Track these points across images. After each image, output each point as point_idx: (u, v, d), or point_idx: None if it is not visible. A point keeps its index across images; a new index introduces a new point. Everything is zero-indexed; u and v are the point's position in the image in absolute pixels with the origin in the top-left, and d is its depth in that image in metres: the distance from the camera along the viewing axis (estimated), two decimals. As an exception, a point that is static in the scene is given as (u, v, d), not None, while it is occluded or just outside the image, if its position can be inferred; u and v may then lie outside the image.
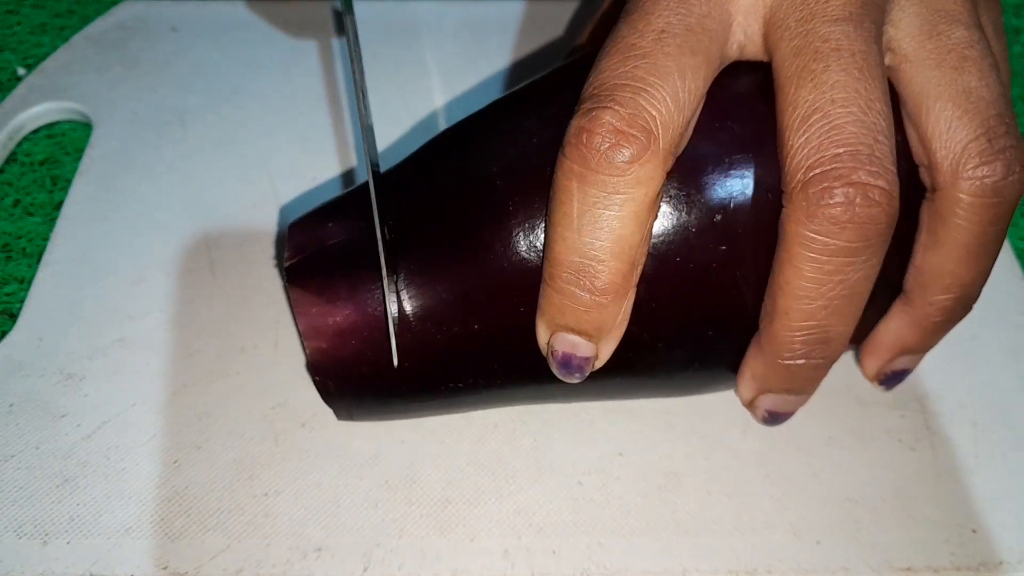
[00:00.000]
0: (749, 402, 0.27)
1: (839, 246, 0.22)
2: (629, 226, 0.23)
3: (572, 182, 0.23)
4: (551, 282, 0.24)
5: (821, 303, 0.23)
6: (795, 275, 0.23)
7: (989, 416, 0.32)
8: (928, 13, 0.25)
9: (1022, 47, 0.48)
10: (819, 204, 0.22)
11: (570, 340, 0.25)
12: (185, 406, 0.31)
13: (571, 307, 0.24)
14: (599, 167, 0.22)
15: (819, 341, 0.24)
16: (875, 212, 0.22)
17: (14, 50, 0.44)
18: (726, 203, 0.24)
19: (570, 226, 0.23)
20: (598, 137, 0.22)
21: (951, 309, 0.26)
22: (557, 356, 0.25)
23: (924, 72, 0.24)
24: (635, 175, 0.22)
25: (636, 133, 0.22)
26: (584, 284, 0.23)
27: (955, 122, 0.24)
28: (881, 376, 0.29)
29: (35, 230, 0.37)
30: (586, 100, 0.23)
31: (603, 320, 0.24)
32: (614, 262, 0.23)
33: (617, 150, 0.22)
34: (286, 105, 0.41)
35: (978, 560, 0.29)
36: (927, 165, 0.24)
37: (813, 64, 0.23)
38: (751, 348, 0.26)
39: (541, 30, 0.45)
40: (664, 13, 0.24)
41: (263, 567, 0.28)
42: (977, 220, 0.24)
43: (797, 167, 0.22)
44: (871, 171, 0.22)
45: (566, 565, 0.28)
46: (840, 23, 0.23)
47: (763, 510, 0.30)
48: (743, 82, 0.25)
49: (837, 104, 0.22)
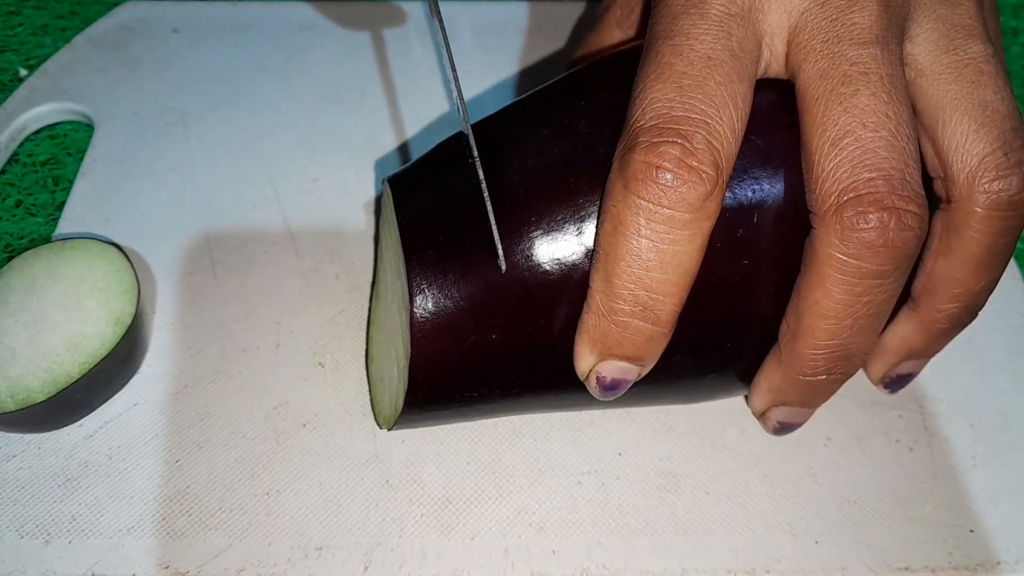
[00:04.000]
0: (762, 413, 0.28)
1: (871, 269, 0.22)
2: (695, 258, 0.23)
3: (639, 217, 0.22)
4: (611, 315, 0.23)
5: (848, 323, 0.23)
6: (824, 296, 0.23)
7: (987, 417, 0.33)
8: (945, 28, 0.25)
9: (1021, 48, 0.48)
10: (854, 228, 0.22)
11: (621, 367, 0.25)
12: (187, 406, 0.32)
13: (631, 339, 0.24)
14: (672, 204, 0.22)
15: (841, 359, 0.24)
16: (907, 236, 0.22)
17: (16, 51, 0.45)
18: (749, 217, 0.24)
19: (636, 262, 0.23)
20: (669, 174, 0.22)
21: (958, 316, 0.26)
22: (604, 382, 0.25)
23: (941, 86, 0.24)
24: (706, 210, 0.22)
25: (708, 169, 0.22)
26: (649, 317, 0.23)
27: (971, 135, 0.24)
28: (886, 380, 0.29)
29: (37, 230, 0.37)
30: (645, 131, 0.23)
31: (658, 348, 0.24)
32: (680, 294, 0.23)
33: (691, 187, 0.22)
34: (287, 106, 0.41)
35: (976, 560, 0.29)
36: (943, 177, 0.25)
37: (842, 87, 0.23)
38: (769, 362, 0.26)
39: (548, 32, 0.46)
40: (707, 38, 0.23)
41: (264, 566, 0.28)
42: (991, 232, 0.24)
43: (830, 191, 0.22)
44: (903, 196, 0.22)
45: (566, 565, 0.28)
46: (867, 46, 0.23)
47: (761, 510, 0.30)
48: (763, 97, 0.25)
49: (868, 128, 0.22)
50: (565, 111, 0.26)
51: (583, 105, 0.26)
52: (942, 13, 0.25)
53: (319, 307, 0.34)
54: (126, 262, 0.32)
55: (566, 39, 0.45)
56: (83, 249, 0.32)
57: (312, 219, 0.37)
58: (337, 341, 0.34)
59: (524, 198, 0.25)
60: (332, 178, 0.39)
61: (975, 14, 0.25)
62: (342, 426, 0.31)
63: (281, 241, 0.36)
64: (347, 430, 0.31)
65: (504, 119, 0.28)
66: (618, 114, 0.24)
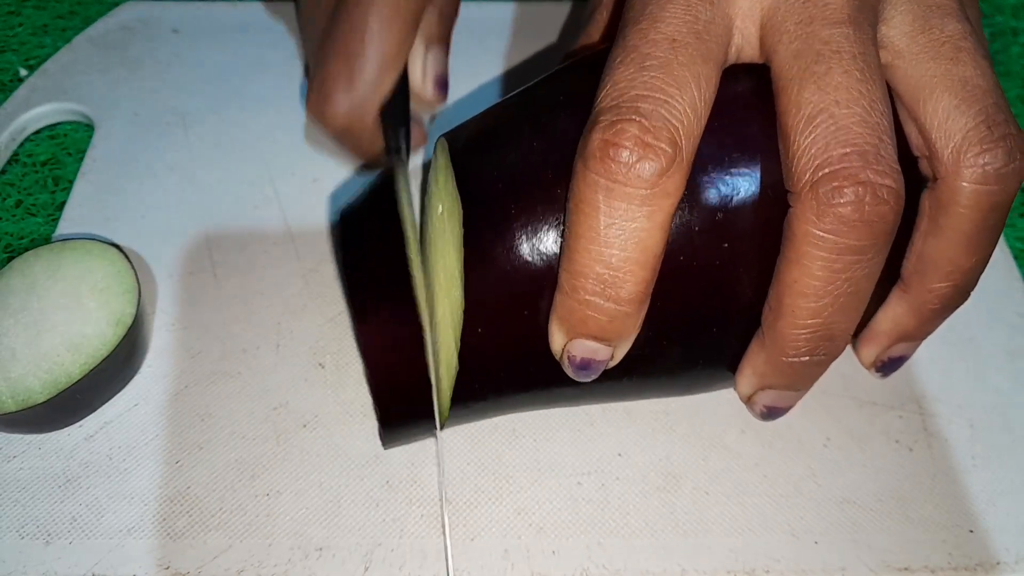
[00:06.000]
0: (748, 397, 0.28)
1: (848, 244, 0.22)
2: (655, 236, 0.23)
3: (598, 195, 0.23)
4: (573, 293, 0.24)
5: (828, 301, 0.23)
6: (803, 273, 0.23)
7: (986, 417, 0.33)
8: (919, 9, 0.25)
9: (1021, 48, 0.48)
10: (829, 203, 0.22)
11: (589, 347, 0.25)
12: (187, 407, 0.32)
13: (594, 317, 0.24)
14: (628, 180, 0.22)
15: (824, 338, 0.24)
16: (884, 210, 0.22)
17: (16, 51, 0.45)
18: (727, 201, 0.24)
19: (595, 239, 0.23)
20: (625, 151, 0.22)
21: (949, 296, 0.26)
22: (575, 361, 0.25)
23: (920, 65, 0.24)
24: (663, 187, 0.22)
25: (664, 146, 0.22)
26: (609, 295, 0.23)
27: (953, 111, 0.24)
28: (878, 363, 0.29)
29: (37, 231, 0.37)
30: (605, 111, 0.23)
31: (625, 328, 0.24)
32: (641, 272, 0.23)
33: (646, 163, 0.22)
34: (288, 106, 0.41)
35: (975, 560, 0.29)
36: (928, 155, 0.25)
37: (815, 66, 0.23)
38: (753, 345, 0.26)
39: (534, 32, 0.46)
40: (673, 20, 0.24)
41: (265, 567, 0.28)
42: (978, 207, 0.24)
43: (805, 167, 0.23)
44: (878, 170, 0.22)
45: (565, 565, 0.28)
46: (840, 25, 0.23)
47: (761, 511, 0.30)
48: (739, 82, 0.25)
49: (842, 105, 0.22)
50: (544, 108, 0.27)
51: (560, 100, 0.26)
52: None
53: (319, 308, 0.35)
54: (126, 262, 0.32)
55: (553, 39, 0.45)
56: (83, 250, 0.32)
57: (312, 219, 0.37)
58: (337, 342, 0.34)
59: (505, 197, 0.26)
60: (332, 178, 0.39)
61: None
62: (342, 426, 0.31)
63: (281, 241, 0.36)
64: (347, 430, 0.31)
65: (486, 119, 0.28)
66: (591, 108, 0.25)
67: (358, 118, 0.32)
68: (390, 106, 0.32)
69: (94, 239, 0.33)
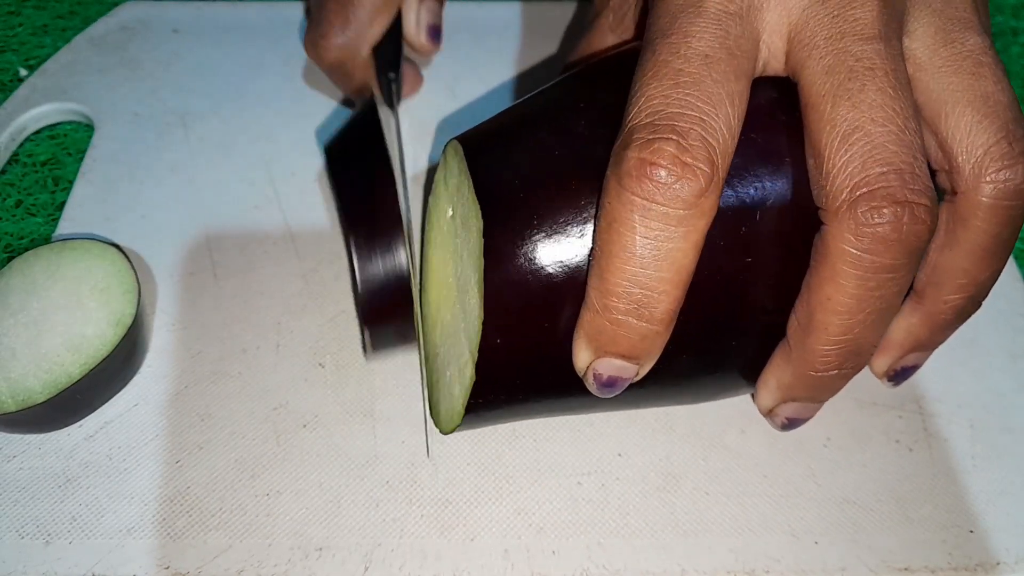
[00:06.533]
0: (769, 410, 0.28)
1: (884, 263, 0.22)
2: (690, 256, 0.23)
3: (633, 214, 0.22)
4: (605, 312, 0.23)
5: (860, 318, 0.23)
6: (837, 291, 0.23)
7: (987, 418, 0.33)
8: (941, 22, 0.25)
9: (1021, 48, 0.48)
10: (868, 223, 0.22)
11: (616, 365, 0.24)
12: (187, 407, 0.32)
13: (624, 336, 0.24)
14: (666, 200, 0.22)
15: (852, 353, 0.24)
16: (920, 229, 0.22)
17: (16, 51, 0.45)
18: (752, 215, 0.24)
19: (630, 259, 0.23)
20: (663, 170, 0.22)
21: (963, 307, 0.27)
22: (601, 379, 0.25)
23: (942, 79, 0.24)
24: (700, 207, 0.22)
25: (703, 165, 0.22)
26: (642, 315, 0.23)
27: (975, 126, 0.24)
28: (891, 373, 0.29)
29: (37, 231, 0.37)
30: (640, 128, 0.23)
31: (654, 346, 0.24)
32: (674, 292, 0.23)
33: (684, 183, 0.22)
34: (287, 107, 0.41)
35: (975, 561, 0.29)
36: (947, 169, 0.25)
37: (849, 83, 0.23)
38: (776, 358, 0.26)
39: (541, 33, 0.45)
40: (704, 36, 0.23)
41: (265, 567, 0.28)
42: (997, 221, 0.24)
43: (841, 186, 0.22)
44: (915, 190, 0.22)
45: (565, 565, 0.28)
46: (871, 41, 0.23)
47: (761, 511, 0.30)
48: (764, 95, 0.25)
49: (877, 123, 0.22)
50: (563, 113, 0.26)
51: (581, 107, 0.26)
52: (937, 7, 0.25)
53: (319, 308, 0.34)
54: (126, 263, 0.32)
55: (559, 41, 0.45)
56: (83, 250, 0.32)
57: (312, 219, 0.37)
58: (337, 342, 0.34)
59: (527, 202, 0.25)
60: (332, 178, 0.39)
61: (969, 6, 0.25)
62: (342, 427, 0.31)
63: (281, 241, 0.36)
64: (347, 431, 0.31)
65: (502, 123, 0.27)
66: (616, 115, 0.24)
67: (350, 56, 0.36)
68: (382, 48, 0.37)
69: (94, 239, 0.33)
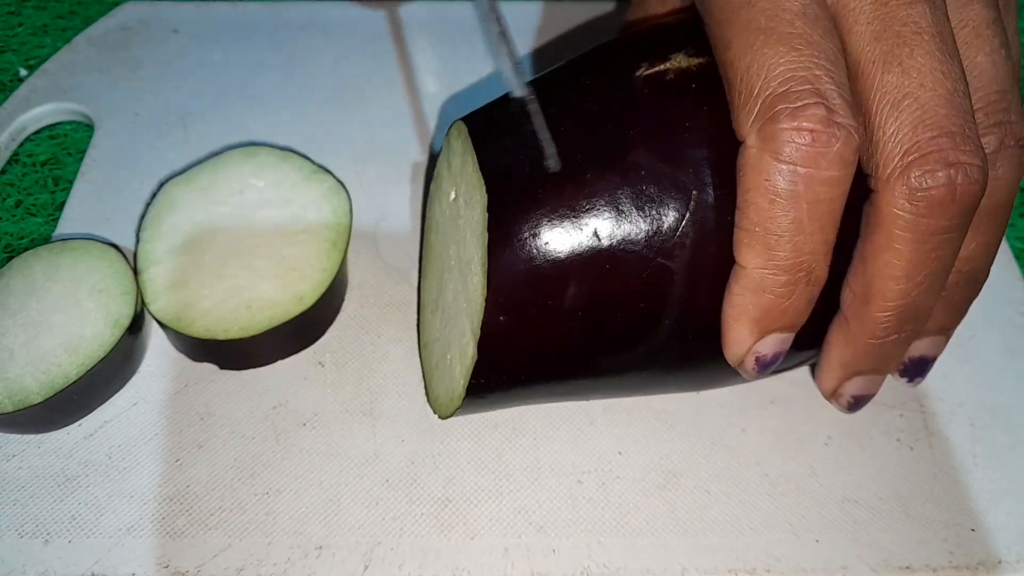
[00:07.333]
0: (833, 391, 0.28)
1: (940, 225, 0.23)
2: (842, 208, 0.23)
3: (797, 186, 0.22)
4: (776, 288, 0.23)
5: (919, 280, 0.23)
6: (895, 256, 0.23)
7: (987, 416, 0.33)
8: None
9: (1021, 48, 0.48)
10: (922, 187, 0.22)
11: (781, 339, 0.24)
12: (186, 406, 0.32)
13: (793, 306, 0.24)
14: (830, 165, 0.22)
15: (911, 317, 0.24)
16: (975, 189, 0.22)
17: (16, 51, 0.45)
18: None
19: (800, 229, 0.23)
20: (825, 135, 0.22)
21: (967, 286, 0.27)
22: (764, 360, 0.25)
23: None
24: (853, 163, 0.23)
25: (851, 121, 0.22)
26: (811, 279, 0.23)
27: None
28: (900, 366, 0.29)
29: (37, 230, 0.37)
30: (780, 98, 0.22)
31: (811, 308, 0.24)
32: (829, 247, 0.23)
33: (843, 144, 0.22)
34: (287, 106, 0.41)
35: (976, 559, 0.29)
36: None
37: (897, 49, 0.23)
38: (833, 335, 0.26)
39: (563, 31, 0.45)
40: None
41: (264, 565, 0.28)
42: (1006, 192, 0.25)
43: (892, 153, 0.23)
44: (966, 150, 0.22)
45: (566, 564, 0.28)
46: (917, 4, 0.23)
47: (762, 510, 0.30)
48: None
49: (927, 88, 0.22)
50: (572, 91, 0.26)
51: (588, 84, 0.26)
52: None
53: (319, 307, 0.34)
54: (125, 264, 0.32)
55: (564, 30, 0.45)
56: (82, 250, 0.32)
57: (312, 219, 0.37)
58: (337, 341, 0.34)
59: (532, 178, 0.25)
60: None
61: None
62: (342, 426, 0.31)
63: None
64: (347, 430, 0.31)
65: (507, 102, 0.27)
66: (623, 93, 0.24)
67: None
68: None
69: (94, 239, 0.33)
